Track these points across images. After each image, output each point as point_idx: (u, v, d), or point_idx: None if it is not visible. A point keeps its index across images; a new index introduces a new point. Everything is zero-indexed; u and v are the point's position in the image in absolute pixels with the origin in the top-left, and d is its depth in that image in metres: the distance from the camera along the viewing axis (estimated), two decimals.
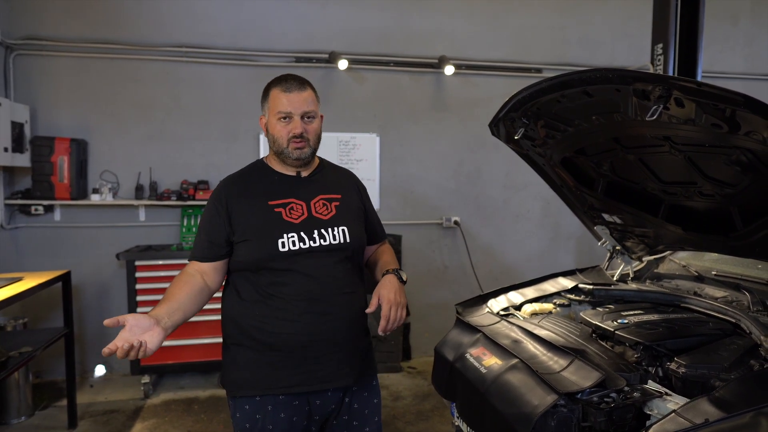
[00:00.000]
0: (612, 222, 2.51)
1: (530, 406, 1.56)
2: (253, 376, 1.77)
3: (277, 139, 1.78)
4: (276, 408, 1.76)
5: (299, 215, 1.78)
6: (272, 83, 1.81)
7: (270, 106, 1.79)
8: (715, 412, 1.31)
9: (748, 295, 2.10)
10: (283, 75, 1.82)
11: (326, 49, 4.69)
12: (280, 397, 1.76)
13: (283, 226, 1.75)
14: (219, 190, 1.84)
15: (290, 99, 1.75)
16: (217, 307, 4.40)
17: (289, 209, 1.78)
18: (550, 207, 5.22)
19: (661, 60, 3.86)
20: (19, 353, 2.93)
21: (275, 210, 1.77)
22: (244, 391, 1.78)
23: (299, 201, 1.81)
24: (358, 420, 1.87)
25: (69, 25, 4.32)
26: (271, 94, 1.79)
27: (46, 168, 4.11)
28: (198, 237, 1.83)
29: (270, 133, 1.80)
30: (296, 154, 1.77)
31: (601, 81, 1.68)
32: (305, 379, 1.75)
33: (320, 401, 1.80)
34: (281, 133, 1.76)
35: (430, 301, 4.99)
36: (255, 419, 1.76)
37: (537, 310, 2.35)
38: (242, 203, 1.79)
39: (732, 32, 5.54)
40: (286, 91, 1.76)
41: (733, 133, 1.51)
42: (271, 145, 1.82)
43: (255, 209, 1.78)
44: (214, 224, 1.79)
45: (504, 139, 2.39)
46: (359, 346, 1.87)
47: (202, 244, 1.80)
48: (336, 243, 1.80)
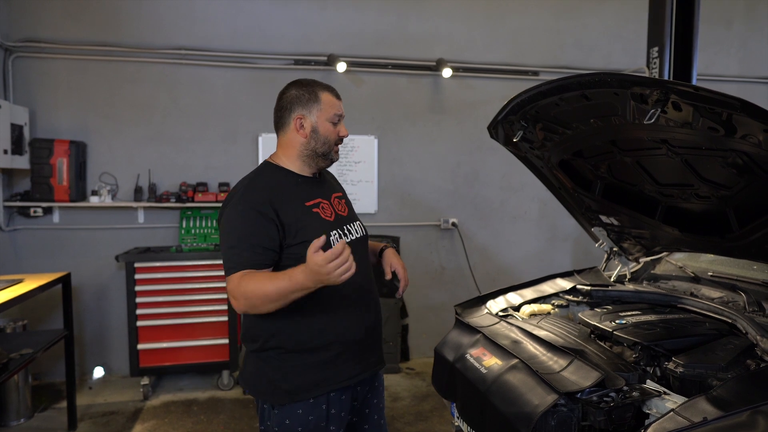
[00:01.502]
0: (609, 223, 2.53)
1: (531, 405, 1.58)
2: (310, 380, 1.74)
3: (328, 140, 1.81)
4: (329, 406, 1.77)
5: (330, 213, 1.83)
6: (320, 87, 1.83)
7: (323, 108, 1.81)
8: (713, 410, 1.33)
9: (744, 296, 2.12)
10: (320, 81, 1.87)
11: (325, 51, 4.71)
12: (332, 395, 1.77)
13: (325, 224, 1.78)
14: (255, 194, 1.73)
15: (340, 105, 1.84)
16: (214, 309, 4.40)
17: (322, 208, 1.82)
18: (546, 208, 5.26)
19: (656, 63, 3.89)
20: (20, 355, 2.93)
21: (313, 210, 1.79)
22: (301, 396, 1.73)
23: (324, 200, 1.85)
24: (378, 398, 2.00)
25: (68, 27, 4.33)
26: (322, 97, 1.81)
27: (45, 170, 4.11)
28: (241, 246, 1.66)
29: (320, 133, 1.80)
30: (337, 157, 1.88)
31: (600, 85, 1.71)
32: (361, 369, 1.84)
33: (360, 387, 1.88)
34: (332, 134, 1.82)
35: (428, 303, 5.01)
36: (308, 421, 1.74)
37: (536, 311, 2.38)
38: (286, 206, 1.73)
39: (726, 35, 5.58)
40: (337, 97, 1.85)
41: (729, 136, 1.54)
42: (315, 146, 1.81)
43: (298, 211, 1.75)
44: (263, 230, 1.67)
45: (502, 141, 2.41)
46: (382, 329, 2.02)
47: (252, 255, 1.65)
48: (359, 236, 1.91)
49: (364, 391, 1.91)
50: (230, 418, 3.76)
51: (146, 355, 4.08)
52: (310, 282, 1.52)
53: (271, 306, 1.60)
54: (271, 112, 5.11)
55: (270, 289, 1.57)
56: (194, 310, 4.15)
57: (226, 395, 4.15)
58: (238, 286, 1.62)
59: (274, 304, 1.59)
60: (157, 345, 4.09)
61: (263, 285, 1.58)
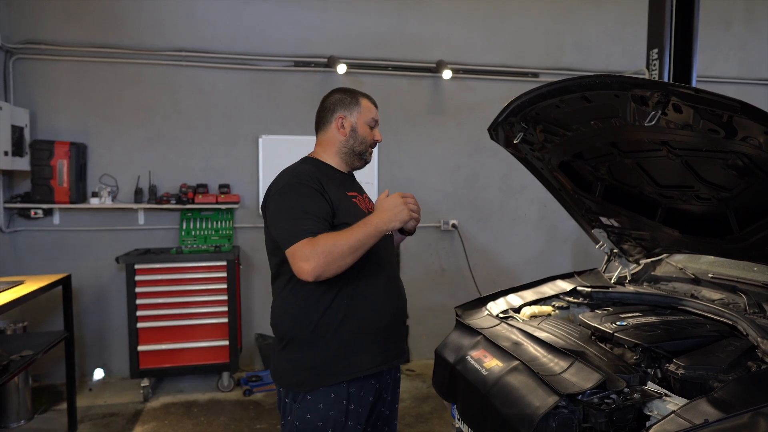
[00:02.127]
0: (609, 225, 2.54)
1: (532, 407, 1.58)
2: (334, 364, 1.80)
3: (364, 141, 1.99)
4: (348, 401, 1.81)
5: (365, 207, 1.97)
6: (361, 94, 2.02)
7: (363, 111, 1.99)
8: (714, 412, 1.33)
9: (745, 298, 2.13)
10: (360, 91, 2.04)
11: (325, 53, 4.72)
12: (352, 390, 1.82)
13: (363, 214, 1.87)
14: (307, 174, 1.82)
15: (377, 111, 2.05)
16: (214, 311, 4.40)
17: (359, 201, 1.97)
18: (546, 210, 5.26)
19: (656, 65, 3.90)
20: (20, 357, 2.93)
21: (353, 200, 1.93)
22: (324, 381, 1.78)
23: (360, 195, 2.02)
24: (390, 395, 2.04)
25: (69, 29, 4.34)
26: (363, 102, 2.00)
27: (46, 172, 4.11)
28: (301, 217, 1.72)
29: (359, 133, 1.98)
30: (370, 158, 2.05)
31: (600, 87, 1.71)
32: (383, 358, 1.88)
33: (379, 384, 1.92)
34: (369, 137, 2.01)
35: (428, 304, 5.01)
36: (328, 416, 1.79)
37: (536, 312, 2.38)
38: (330, 188, 1.84)
39: (725, 37, 5.59)
40: (375, 105, 2.05)
41: (729, 138, 1.54)
42: (353, 145, 1.98)
43: (341, 195, 1.87)
44: (319, 203, 1.77)
45: (503, 143, 2.42)
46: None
47: (316, 223, 1.72)
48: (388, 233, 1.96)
49: (381, 388, 1.94)
50: (230, 419, 3.76)
51: (146, 357, 4.07)
52: (382, 223, 1.72)
53: (349, 258, 1.67)
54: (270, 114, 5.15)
55: (351, 239, 1.67)
56: (194, 312, 4.15)
57: (226, 397, 4.15)
58: (312, 247, 1.65)
59: (354, 255, 1.68)
60: (158, 346, 4.09)
61: (341, 238, 1.67)
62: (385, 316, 1.89)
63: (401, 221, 1.75)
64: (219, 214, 4.57)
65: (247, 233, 4.71)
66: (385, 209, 1.75)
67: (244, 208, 4.69)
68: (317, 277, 1.65)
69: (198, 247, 4.39)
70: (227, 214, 4.59)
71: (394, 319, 1.93)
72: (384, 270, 1.91)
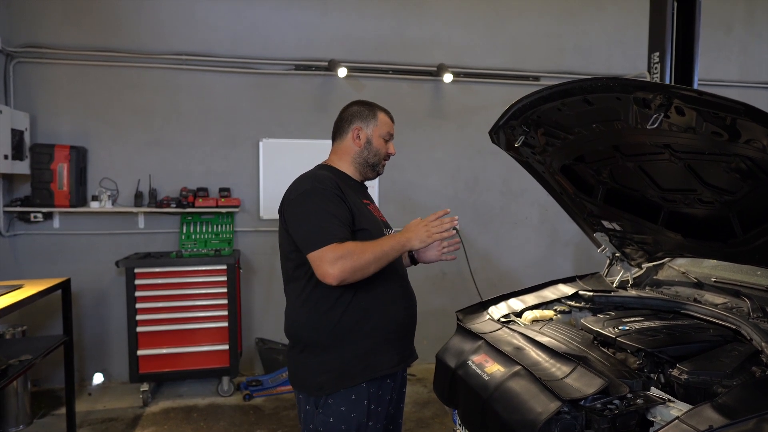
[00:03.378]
0: (611, 229, 2.52)
1: (534, 412, 1.56)
2: (353, 367, 1.83)
3: (378, 153, 2.04)
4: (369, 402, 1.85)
5: (379, 216, 2.05)
6: (379, 108, 2.08)
7: (379, 124, 2.04)
8: (719, 418, 1.32)
9: (748, 302, 2.11)
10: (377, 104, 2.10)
11: (325, 56, 4.72)
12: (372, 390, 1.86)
13: (378, 221, 1.98)
14: (328, 181, 1.85)
15: (393, 126, 2.09)
16: (214, 315, 4.38)
17: (373, 209, 2.03)
18: (548, 213, 5.25)
19: (657, 68, 3.89)
20: (19, 361, 2.91)
21: (368, 207, 1.99)
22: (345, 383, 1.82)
23: (372, 204, 2.08)
24: (397, 395, 2.07)
25: (69, 32, 4.34)
26: (379, 116, 2.05)
27: (46, 175, 4.10)
28: (327, 222, 1.76)
29: (374, 146, 2.03)
30: (382, 171, 2.10)
31: (602, 89, 1.70)
32: (399, 359, 1.94)
33: (394, 383, 1.97)
34: (383, 149, 2.05)
35: (429, 308, 4.98)
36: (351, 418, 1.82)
37: (538, 316, 2.36)
38: (350, 196, 1.89)
39: (726, 40, 5.59)
40: (391, 119, 2.09)
41: (733, 141, 1.53)
42: (367, 156, 2.03)
43: (359, 204, 1.93)
44: (341, 208, 1.82)
45: (504, 146, 2.41)
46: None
47: (340, 228, 1.77)
48: None
49: (396, 387, 2.00)
50: (230, 424, 3.74)
51: (146, 361, 4.06)
52: (405, 239, 1.80)
53: (372, 267, 1.75)
54: (271, 117, 5.15)
55: (378, 250, 1.75)
56: (194, 316, 4.14)
57: (226, 402, 4.13)
58: (339, 252, 1.70)
59: (377, 264, 1.76)
60: (157, 351, 4.07)
61: (368, 247, 1.75)
62: (399, 317, 1.95)
63: (419, 240, 1.81)
64: (219, 217, 4.56)
65: (247, 237, 4.70)
66: (408, 228, 1.84)
67: (245, 212, 4.68)
68: (341, 282, 1.71)
69: (198, 251, 4.38)
70: (227, 217, 4.58)
71: (407, 320, 2.00)
72: (398, 273, 1.99)
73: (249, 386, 4.23)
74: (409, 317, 2.03)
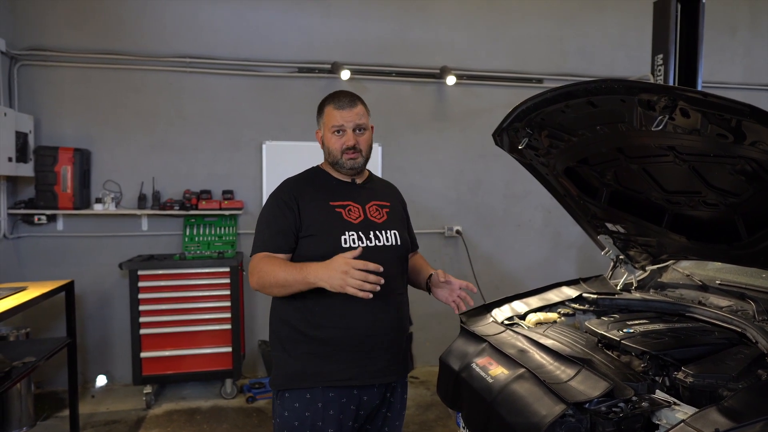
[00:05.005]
0: (615, 231, 2.51)
1: (538, 415, 1.56)
2: (305, 370, 1.84)
3: (332, 151, 1.95)
4: (325, 405, 1.82)
5: (357, 216, 1.92)
6: (326, 100, 1.97)
7: (325, 121, 1.96)
8: (725, 421, 1.31)
9: (753, 305, 2.10)
10: (336, 92, 1.98)
11: (328, 59, 4.72)
12: (330, 394, 1.82)
13: (344, 225, 1.89)
14: (286, 187, 1.96)
15: (342, 115, 1.92)
16: (217, 317, 4.38)
17: (347, 210, 1.93)
18: (551, 216, 5.24)
19: (661, 71, 3.88)
20: (22, 363, 2.92)
21: (336, 210, 1.91)
22: (298, 383, 1.84)
23: (356, 204, 1.96)
24: (392, 413, 1.99)
25: (72, 35, 4.35)
26: (325, 111, 1.96)
27: (50, 178, 4.12)
28: (263, 233, 1.90)
29: (326, 145, 1.97)
30: (350, 164, 1.95)
31: (607, 91, 1.69)
32: (358, 373, 1.85)
33: (368, 397, 1.89)
34: (336, 145, 1.93)
35: (432, 311, 4.96)
36: (304, 417, 1.82)
37: (542, 319, 2.35)
38: (308, 200, 1.91)
39: (730, 43, 5.58)
40: (338, 108, 1.92)
41: (738, 143, 1.52)
42: (326, 156, 2.00)
43: (319, 207, 1.90)
44: (283, 217, 1.87)
45: (507, 148, 2.40)
46: (403, 345, 2.00)
47: (272, 237, 1.87)
48: (389, 245, 1.94)
49: (371, 401, 1.90)
50: (233, 426, 3.74)
51: (149, 364, 4.06)
52: (313, 276, 1.68)
53: (276, 290, 1.80)
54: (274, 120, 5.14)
55: (280, 276, 1.76)
56: (197, 318, 4.14)
57: (229, 404, 4.13)
58: (256, 264, 1.83)
59: (280, 289, 1.79)
60: (160, 353, 4.07)
61: (276, 269, 1.77)
62: (361, 330, 1.84)
63: (330, 285, 1.64)
64: (222, 220, 4.57)
65: (250, 239, 4.63)
66: (327, 266, 1.66)
67: (248, 214, 4.69)
68: (258, 290, 1.84)
69: (201, 254, 4.38)
70: (230, 220, 4.58)
71: (375, 334, 1.86)
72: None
73: (252, 389, 4.23)
74: (378, 332, 1.87)
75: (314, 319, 1.84)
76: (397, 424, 2.01)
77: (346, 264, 1.61)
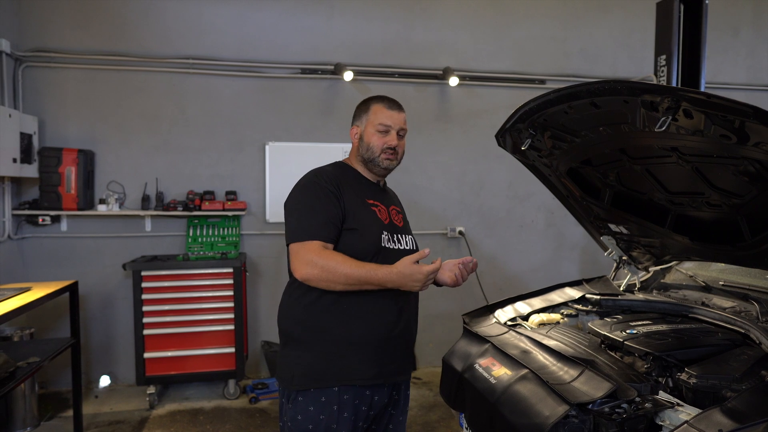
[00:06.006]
0: (618, 232, 2.51)
1: (541, 416, 1.56)
2: (325, 368, 1.80)
3: (373, 148, 1.93)
4: (340, 408, 1.79)
5: (386, 217, 1.94)
6: (374, 99, 1.99)
7: (371, 118, 1.95)
8: (729, 422, 1.31)
9: (757, 306, 2.10)
10: (384, 95, 2.00)
11: (331, 60, 4.73)
12: (345, 397, 1.79)
13: (380, 224, 1.89)
14: (326, 175, 1.88)
15: (391, 115, 1.94)
16: (220, 318, 4.39)
17: (379, 210, 1.94)
18: (554, 217, 5.24)
19: (664, 71, 3.88)
20: (26, 363, 2.93)
21: (371, 207, 1.91)
22: (313, 383, 1.79)
23: (383, 205, 1.97)
24: (396, 410, 1.98)
25: (76, 37, 4.37)
26: (372, 108, 1.96)
27: (54, 179, 4.13)
28: (312, 218, 1.78)
29: (365, 141, 1.95)
30: (386, 164, 1.95)
31: (610, 92, 1.70)
32: (377, 373, 1.83)
33: (378, 397, 1.87)
34: (378, 143, 1.93)
35: (435, 312, 4.98)
36: (319, 420, 1.79)
37: (545, 320, 2.36)
38: (349, 192, 1.87)
39: (733, 43, 5.57)
40: (388, 108, 1.95)
41: (741, 144, 1.52)
42: (363, 153, 1.96)
43: (358, 201, 1.88)
44: (331, 205, 1.80)
45: (510, 149, 2.41)
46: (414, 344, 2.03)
47: (324, 226, 1.77)
48: (408, 248, 1.95)
49: (381, 401, 1.88)
50: (236, 427, 3.75)
51: (152, 364, 4.07)
52: (390, 283, 1.71)
53: (341, 286, 1.73)
54: (277, 121, 5.16)
55: (350, 271, 1.69)
56: (201, 319, 4.15)
57: (232, 404, 4.13)
58: (318, 254, 1.71)
59: (347, 286, 1.72)
60: (164, 354, 4.08)
61: (345, 265, 1.70)
62: (382, 330, 1.83)
63: (411, 289, 1.75)
64: (226, 221, 4.58)
65: (253, 240, 4.71)
66: (404, 274, 1.69)
67: (251, 215, 4.69)
68: (305, 281, 1.74)
69: (205, 254, 4.39)
70: (234, 221, 4.59)
71: (395, 334, 1.86)
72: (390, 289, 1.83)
73: (255, 389, 4.24)
74: (398, 332, 1.87)
75: (338, 315, 1.79)
76: (401, 419, 2.01)
77: (424, 277, 1.68)
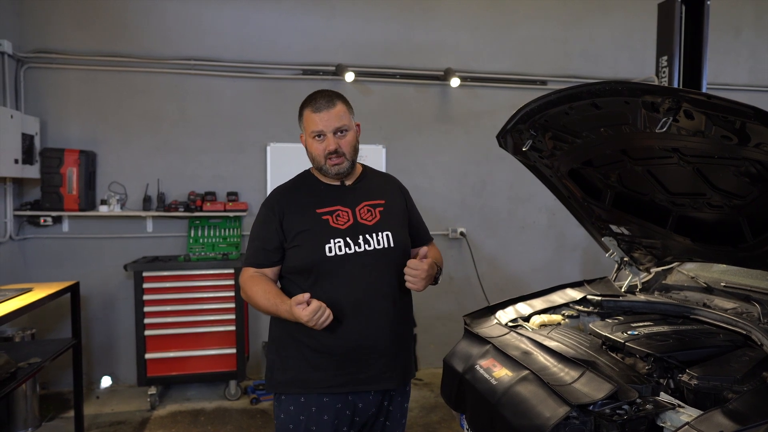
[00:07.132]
0: (620, 233, 2.51)
1: (542, 417, 1.56)
2: (297, 377, 1.85)
3: (315, 157, 1.88)
4: (320, 410, 1.82)
5: (345, 221, 1.87)
6: (304, 103, 1.88)
7: (305, 125, 1.88)
8: (730, 424, 1.31)
9: (758, 307, 2.09)
10: (313, 93, 1.88)
11: (333, 61, 4.73)
12: (325, 399, 1.82)
13: (330, 232, 1.84)
14: (271, 199, 1.96)
15: (321, 118, 1.82)
16: (222, 318, 4.39)
17: (335, 216, 1.88)
18: (555, 218, 5.23)
19: (666, 72, 3.88)
20: (28, 364, 2.93)
21: (323, 217, 1.87)
22: (290, 389, 1.86)
23: (345, 208, 1.90)
24: (391, 422, 1.96)
25: (78, 38, 4.37)
26: (304, 114, 1.87)
27: (56, 179, 4.14)
28: (251, 245, 1.95)
29: (309, 150, 1.90)
30: (334, 170, 1.87)
31: (611, 93, 1.70)
32: (346, 381, 1.83)
33: (363, 404, 1.87)
34: (318, 150, 1.86)
35: (436, 313, 4.98)
36: (299, 420, 1.83)
37: (546, 321, 2.36)
38: (293, 211, 1.89)
39: (735, 44, 5.56)
40: (316, 111, 1.83)
41: (742, 145, 1.52)
42: (311, 159, 1.92)
43: (304, 217, 1.88)
44: (267, 231, 1.90)
45: (511, 150, 2.40)
46: (402, 351, 1.93)
47: (256, 252, 1.92)
48: (381, 248, 1.87)
49: (367, 408, 1.87)
50: (237, 428, 3.75)
51: (154, 365, 4.07)
52: (292, 318, 1.73)
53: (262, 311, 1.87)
54: (278, 122, 5.15)
55: (261, 303, 1.83)
56: (202, 320, 4.15)
57: (233, 405, 4.13)
58: (243, 282, 1.91)
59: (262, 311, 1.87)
60: (165, 354, 4.08)
61: (258, 295, 1.84)
62: (351, 339, 1.81)
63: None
64: (227, 221, 4.58)
65: None
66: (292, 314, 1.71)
67: (252, 216, 4.67)
68: None
69: (206, 255, 4.39)
70: (235, 221, 4.60)
71: (365, 342, 1.82)
72: (354, 292, 1.82)
73: (256, 390, 4.24)
74: (366, 343, 1.82)
75: (306, 327, 1.73)
76: (394, 427, 1.96)
77: (306, 314, 1.67)
